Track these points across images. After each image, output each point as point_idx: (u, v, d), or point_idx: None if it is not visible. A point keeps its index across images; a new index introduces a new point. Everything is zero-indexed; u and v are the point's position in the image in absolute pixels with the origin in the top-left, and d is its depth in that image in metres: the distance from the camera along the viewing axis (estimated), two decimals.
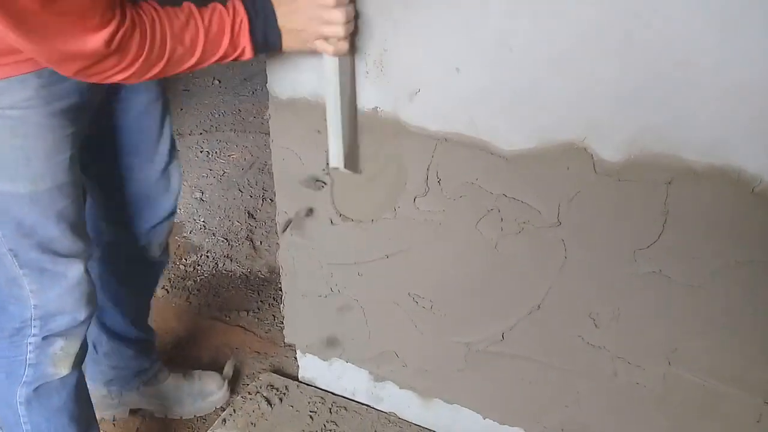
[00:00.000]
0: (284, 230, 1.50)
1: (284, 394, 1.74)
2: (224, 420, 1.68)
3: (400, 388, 1.64)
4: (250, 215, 2.51)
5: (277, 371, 1.84)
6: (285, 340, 1.73)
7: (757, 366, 1.19)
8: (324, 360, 1.72)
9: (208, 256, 2.32)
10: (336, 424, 1.66)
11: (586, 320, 1.30)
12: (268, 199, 2.59)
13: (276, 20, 1.15)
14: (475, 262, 1.35)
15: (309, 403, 1.71)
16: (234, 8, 1.12)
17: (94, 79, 1.05)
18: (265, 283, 2.22)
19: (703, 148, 1.05)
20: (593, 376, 1.35)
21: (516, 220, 1.27)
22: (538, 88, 1.12)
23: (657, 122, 1.07)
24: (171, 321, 2.07)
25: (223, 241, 2.39)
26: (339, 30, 1.16)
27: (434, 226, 1.36)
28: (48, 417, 1.33)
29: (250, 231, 2.45)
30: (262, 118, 3.09)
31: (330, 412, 1.68)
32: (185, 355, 1.96)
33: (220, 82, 3.41)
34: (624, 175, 1.13)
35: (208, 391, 1.78)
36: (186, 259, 2.30)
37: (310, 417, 1.67)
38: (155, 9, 1.06)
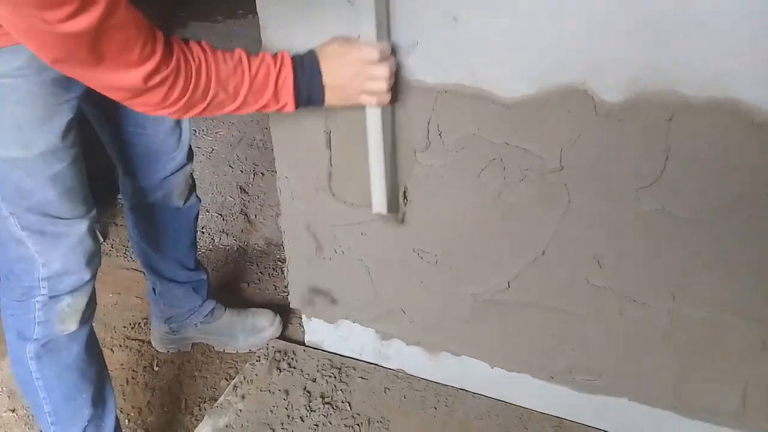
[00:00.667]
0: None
1: (292, 358, 1.76)
2: (235, 387, 1.70)
3: (407, 344, 1.67)
4: (243, 190, 2.51)
5: (283, 338, 1.86)
6: (290, 306, 1.75)
7: (761, 296, 1.23)
8: (330, 323, 1.74)
9: (203, 232, 2.32)
10: (346, 384, 1.68)
11: (591, 262, 1.32)
12: (260, 173, 2.59)
13: (321, 77, 1.17)
14: (479, 213, 1.37)
15: (317, 365, 1.73)
16: (282, 62, 1.14)
17: (139, 109, 1.08)
18: (263, 255, 2.23)
19: (703, 82, 1.07)
20: (599, 317, 1.38)
21: (518, 168, 1.28)
22: (537, 32, 1.13)
23: (656, 60, 1.08)
24: None
25: (217, 216, 2.39)
26: (383, 85, 1.20)
27: (436, 179, 1.37)
28: (58, 373, 1.36)
29: (244, 205, 2.45)
30: None
31: (339, 372, 1.71)
32: None
33: None
34: (625, 114, 1.15)
35: (260, 326, 1.86)
36: None
37: (320, 379, 1.69)
38: (204, 52, 1.07)
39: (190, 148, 1.56)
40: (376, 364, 1.73)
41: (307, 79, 1.16)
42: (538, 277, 1.39)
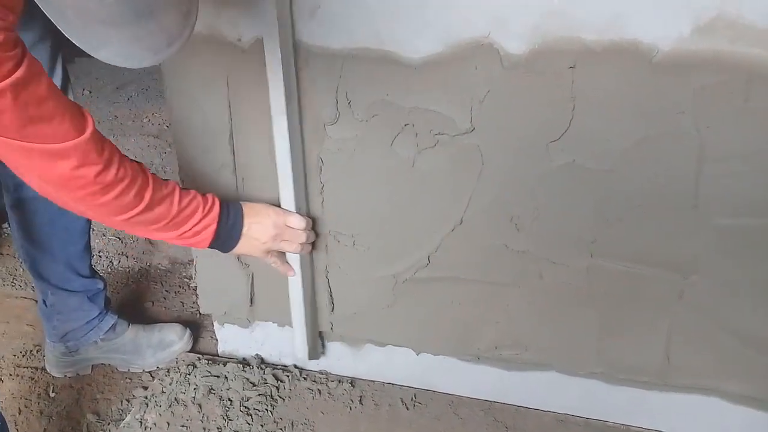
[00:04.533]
0: None
1: (206, 370, 1.64)
2: (143, 403, 1.56)
3: (329, 341, 1.59)
4: None
5: (195, 352, 1.74)
6: (200, 311, 1.64)
7: (673, 243, 1.25)
8: (244, 327, 1.64)
9: (101, 256, 2.17)
10: (266, 390, 1.58)
11: (509, 225, 1.31)
12: None
13: (241, 230, 1.28)
14: (394, 185, 1.34)
15: (233, 374, 1.61)
16: (210, 209, 1.22)
17: (74, 192, 1.05)
18: (168, 274, 2.10)
19: (601, 25, 1.10)
20: (520, 283, 1.36)
21: (431, 132, 1.26)
22: None
23: (556, 5, 1.10)
24: None
25: (115, 240, 2.25)
26: (297, 249, 1.36)
27: (348, 154, 1.33)
28: None
29: None
30: (141, 122, 2.97)
31: (258, 378, 1.60)
32: None
33: (90, 92, 3.24)
34: (530, 66, 1.16)
35: (168, 341, 1.72)
36: None
37: (236, 387, 1.58)
38: (143, 170, 1.13)
39: None
40: (296, 366, 1.64)
41: (228, 230, 1.26)
42: (457, 248, 1.36)
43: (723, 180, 1.17)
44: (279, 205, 1.36)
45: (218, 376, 1.61)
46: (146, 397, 1.58)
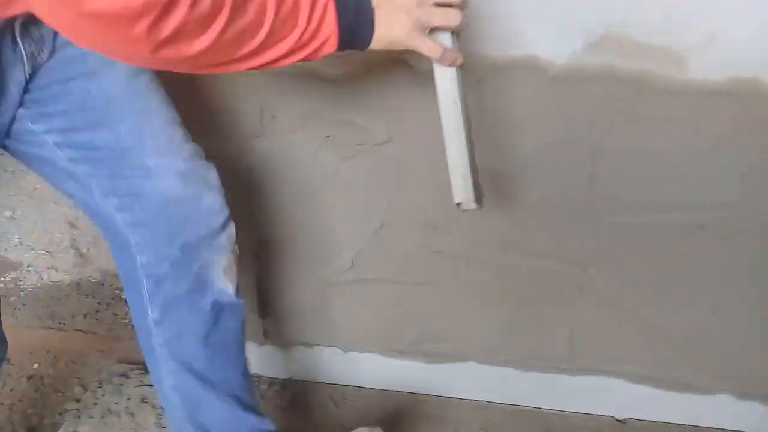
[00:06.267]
0: None
1: (140, 380, 1.67)
2: (75, 416, 1.58)
3: (259, 345, 1.65)
4: (72, 225, 2.37)
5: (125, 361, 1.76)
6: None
7: (574, 240, 1.37)
8: None
9: (29, 270, 2.15)
10: None
11: (426, 229, 1.41)
12: None
13: (371, 2, 0.89)
14: (318, 193, 1.42)
15: None
16: None
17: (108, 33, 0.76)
18: (100, 286, 2.11)
19: (504, 42, 1.20)
20: (438, 282, 1.46)
21: (351, 143, 1.35)
22: None
23: (464, 22, 1.20)
24: None
25: (44, 253, 2.24)
26: (453, 19, 0.95)
27: (274, 166, 1.40)
28: None
29: (74, 240, 2.30)
30: None
31: None
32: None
33: None
34: None
35: None
36: (5, 277, 2.13)
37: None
38: None
39: None
40: None
41: (353, 4, 0.87)
42: (379, 251, 1.45)
43: (614, 181, 1.29)
44: None
45: (150, 386, 1.64)
46: (78, 410, 1.60)
